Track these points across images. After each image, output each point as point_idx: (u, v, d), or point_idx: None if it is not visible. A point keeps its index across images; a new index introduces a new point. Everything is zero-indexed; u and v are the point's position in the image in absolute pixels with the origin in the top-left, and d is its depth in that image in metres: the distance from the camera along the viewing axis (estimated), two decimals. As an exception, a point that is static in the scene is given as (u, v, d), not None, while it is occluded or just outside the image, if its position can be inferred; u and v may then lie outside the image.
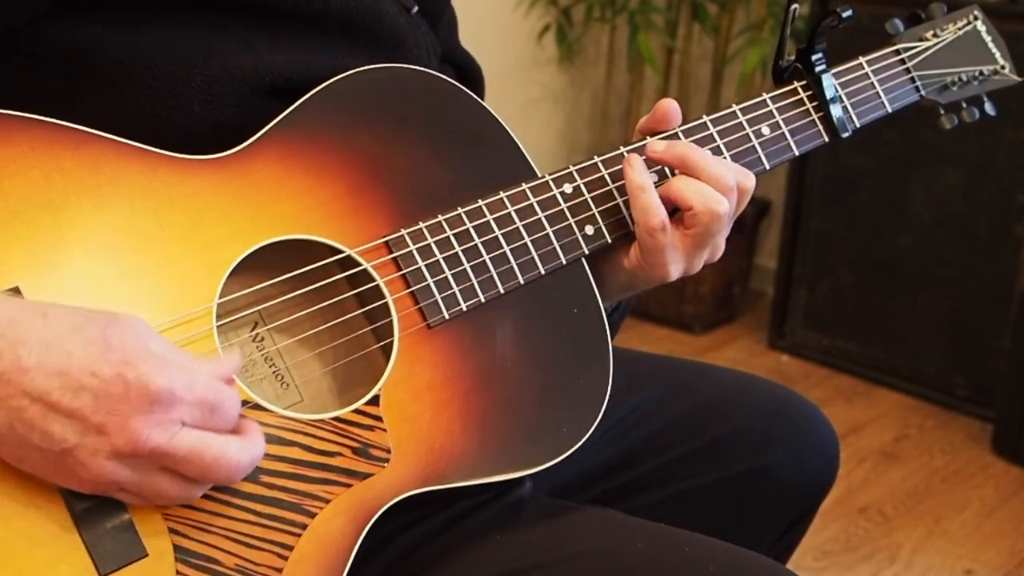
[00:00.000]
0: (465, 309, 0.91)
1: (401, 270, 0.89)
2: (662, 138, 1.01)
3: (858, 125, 1.10)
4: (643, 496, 1.15)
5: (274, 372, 0.90)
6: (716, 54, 3.15)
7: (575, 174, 0.98)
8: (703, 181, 0.95)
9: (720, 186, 0.95)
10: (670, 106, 1.00)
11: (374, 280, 0.88)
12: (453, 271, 0.91)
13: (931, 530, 2.31)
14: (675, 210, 0.97)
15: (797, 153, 1.07)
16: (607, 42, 3.34)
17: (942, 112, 1.17)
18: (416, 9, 1.01)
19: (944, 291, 2.71)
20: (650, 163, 0.98)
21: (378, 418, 0.86)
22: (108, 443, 0.70)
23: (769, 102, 1.06)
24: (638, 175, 0.96)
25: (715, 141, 1.02)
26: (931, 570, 2.19)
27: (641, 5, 3.08)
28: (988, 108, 1.20)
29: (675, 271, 0.97)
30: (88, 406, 0.69)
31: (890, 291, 2.81)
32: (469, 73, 1.11)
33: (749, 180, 0.99)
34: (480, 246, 0.92)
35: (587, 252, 0.97)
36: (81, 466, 0.71)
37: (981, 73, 1.18)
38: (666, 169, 0.99)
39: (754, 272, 3.33)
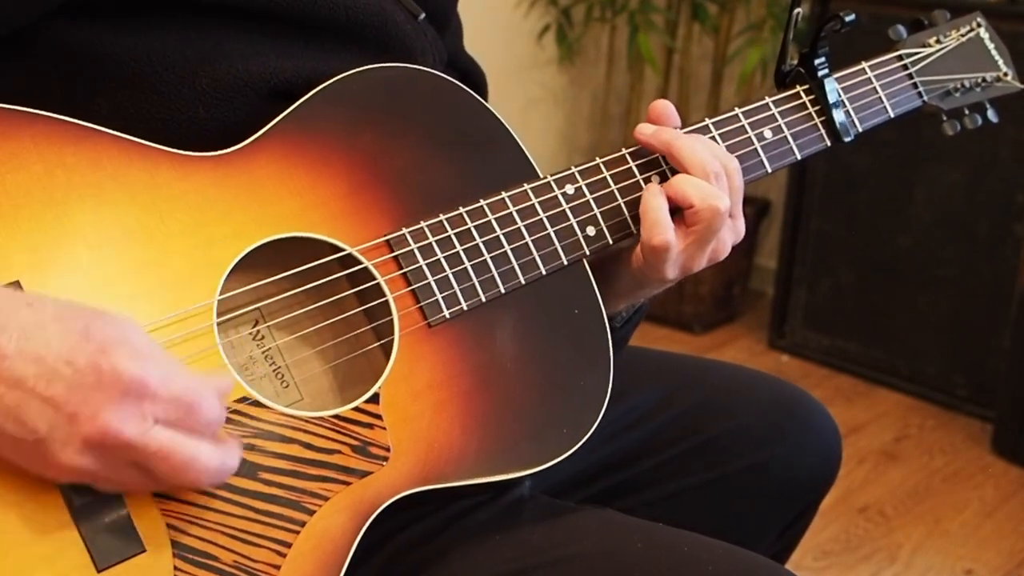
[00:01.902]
0: (466, 308, 0.91)
1: (402, 268, 0.89)
2: None
3: (860, 130, 1.10)
4: (643, 494, 1.15)
5: (274, 370, 0.90)
6: (716, 54, 3.15)
7: (577, 175, 0.98)
8: (688, 167, 0.96)
9: (705, 173, 0.96)
10: (664, 107, 1.01)
11: (375, 278, 0.88)
12: (454, 270, 0.91)
13: (931, 530, 2.31)
14: (676, 210, 0.98)
15: (799, 157, 1.07)
16: (607, 42, 3.34)
17: (944, 118, 1.18)
18: (423, 16, 1.01)
19: (944, 291, 2.71)
20: (641, 146, 0.99)
21: (378, 416, 0.86)
22: (78, 433, 0.70)
23: (772, 105, 1.06)
24: (653, 196, 0.96)
25: (717, 144, 1.02)
26: (931, 570, 2.20)
27: (641, 5, 3.08)
28: (991, 115, 1.20)
29: (672, 273, 0.98)
30: (61, 395, 0.69)
31: (890, 291, 2.81)
32: (473, 79, 1.12)
33: (732, 161, 0.99)
34: (481, 245, 0.92)
35: (588, 253, 0.97)
36: (53, 457, 0.70)
37: (984, 80, 1.18)
38: (667, 172, 1.00)
39: (754, 272, 3.33)
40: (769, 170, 1.05)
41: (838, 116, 1.08)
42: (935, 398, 2.78)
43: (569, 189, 0.97)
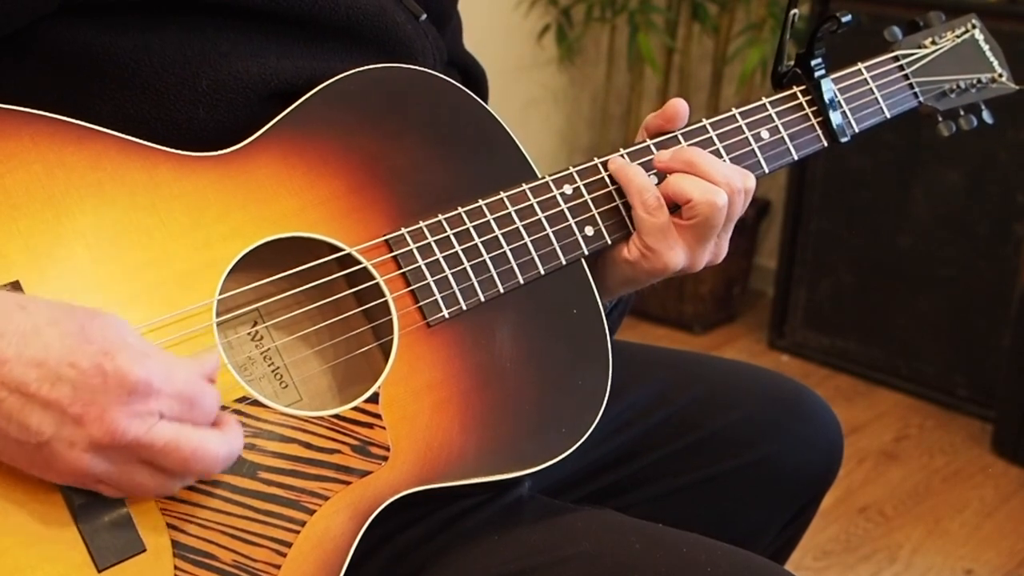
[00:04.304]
0: (465, 308, 0.91)
1: (401, 268, 0.89)
2: (662, 140, 1.01)
3: (857, 131, 1.11)
4: (642, 491, 1.15)
5: (273, 370, 0.90)
6: (716, 54, 3.15)
7: (575, 175, 0.98)
8: (715, 182, 0.97)
9: (730, 188, 0.97)
10: (679, 106, 1.01)
11: (374, 278, 0.89)
12: (453, 270, 0.91)
13: (931, 530, 2.32)
14: (675, 208, 0.98)
15: (796, 158, 1.07)
16: (607, 42, 3.34)
17: (940, 119, 1.18)
18: (424, 16, 1.01)
19: (944, 291, 2.71)
20: (652, 165, 1.00)
21: (377, 416, 0.86)
22: (85, 434, 0.70)
23: (769, 106, 1.07)
24: (626, 166, 0.98)
25: (714, 144, 1.03)
26: (931, 570, 2.20)
27: (641, 5, 3.08)
28: (986, 116, 1.20)
29: (676, 260, 0.98)
30: (66, 397, 0.69)
31: (890, 291, 2.81)
32: (473, 76, 1.12)
33: (750, 180, 1.00)
34: (480, 245, 0.92)
35: (587, 253, 0.97)
36: (58, 459, 0.71)
37: (979, 81, 1.19)
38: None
39: (754, 272, 3.33)
40: (767, 170, 1.05)
41: (835, 117, 1.08)
42: (935, 398, 2.78)
43: (567, 189, 0.97)
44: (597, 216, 0.98)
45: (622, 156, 1.00)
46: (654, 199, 0.97)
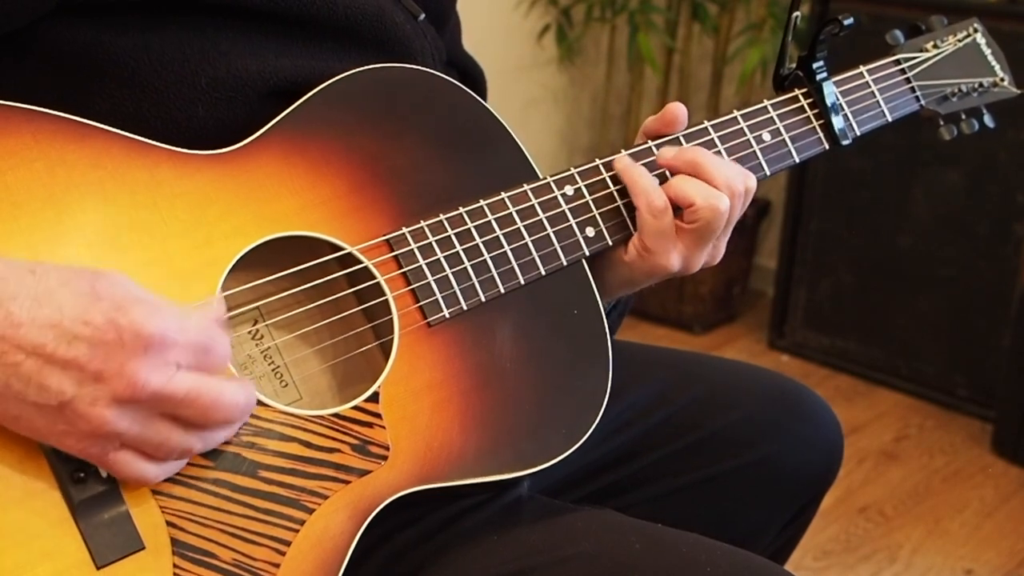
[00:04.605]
0: (465, 308, 0.91)
1: (401, 268, 0.90)
2: (663, 142, 1.01)
3: (858, 133, 1.11)
4: (642, 491, 1.15)
5: (273, 369, 0.90)
6: (716, 54, 3.15)
7: (576, 176, 0.98)
8: (716, 184, 0.97)
9: (731, 191, 0.97)
10: (678, 110, 1.01)
11: (374, 278, 0.89)
12: (454, 270, 0.91)
13: (931, 530, 2.32)
14: (676, 209, 0.98)
15: (797, 160, 1.07)
16: (607, 42, 3.34)
17: (941, 123, 1.18)
18: (423, 16, 1.01)
19: (944, 291, 2.71)
20: (654, 167, 1.00)
21: (377, 415, 0.86)
22: (107, 390, 0.70)
23: (770, 108, 1.07)
24: (632, 165, 0.98)
25: (716, 146, 1.03)
26: (931, 570, 2.20)
27: (641, 5, 3.08)
28: (987, 120, 1.20)
29: (672, 262, 0.98)
30: (84, 355, 0.70)
31: (890, 291, 2.81)
32: (472, 76, 1.12)
33: (751, 181, 1.00)
34: (481, 245, 0.93)
35: (588, 254, 0.97)
36: (80, 418, 0.71)
37: (980, 85, 1.19)
38: (667, 172, 1.00)
39: (754, 272, 3.33)
40: (768, 173, 1.05)
41: (836, 120, 1.09)
42: (935, 398, 2.78)
43: (569, 190, 0.98)
44: (598, 217, 0.98)
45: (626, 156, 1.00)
46: (660, 202, 0.96)
